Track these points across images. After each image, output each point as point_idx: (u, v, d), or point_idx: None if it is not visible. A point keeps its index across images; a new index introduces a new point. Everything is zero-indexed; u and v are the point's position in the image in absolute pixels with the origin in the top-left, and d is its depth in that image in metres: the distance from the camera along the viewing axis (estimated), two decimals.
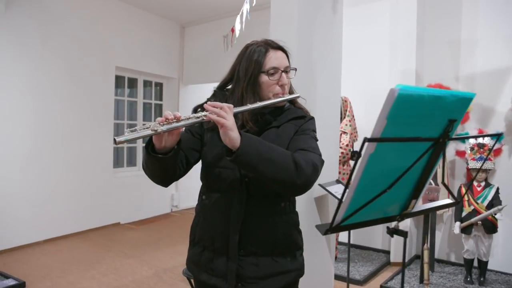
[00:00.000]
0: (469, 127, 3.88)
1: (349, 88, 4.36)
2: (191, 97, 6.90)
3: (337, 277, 3.59)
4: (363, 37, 4.53)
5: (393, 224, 1.25)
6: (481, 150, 3.59)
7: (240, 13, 4.24)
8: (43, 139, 4.76)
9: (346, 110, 4.13)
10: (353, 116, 4.23)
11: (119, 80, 5.96)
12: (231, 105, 1.24)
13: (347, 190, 0.94)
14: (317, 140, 1.44)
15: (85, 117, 5.23)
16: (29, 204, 4.61)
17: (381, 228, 4.55)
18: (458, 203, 1.27)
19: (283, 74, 1.43)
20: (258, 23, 5.48)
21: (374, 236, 4.63)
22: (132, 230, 5.50)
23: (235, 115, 1.26)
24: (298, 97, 1.50)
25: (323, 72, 2.62)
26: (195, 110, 1.49)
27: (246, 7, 4.12)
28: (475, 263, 3.70)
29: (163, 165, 1.31)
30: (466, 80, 4.08)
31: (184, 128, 1.38)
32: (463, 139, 3.31)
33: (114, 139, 1.12)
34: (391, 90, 0.83)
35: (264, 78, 1.41)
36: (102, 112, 5.47)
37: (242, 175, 1.37)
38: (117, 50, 5.62)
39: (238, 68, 1.45)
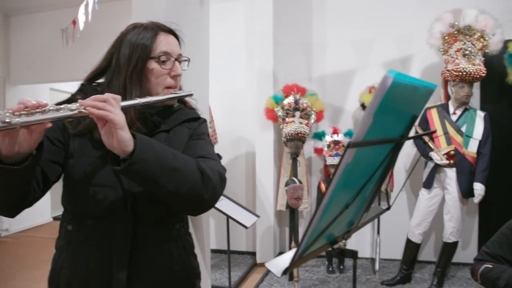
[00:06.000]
0: (324, 125, 4.09)
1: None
2: None
3: None
4: (218, 36, 4.39)
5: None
6: (337, 146, 3.80)
7: (85, 2, 3.69)
8: None
9: None
10: (211, 117, 4.06)
11: None
12: (119, 96, 0.92)
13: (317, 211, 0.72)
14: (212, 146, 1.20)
15: None
16: None
17: (243, 231, 4.49)
18: (389, 209, 1.19)
19: (176, 63, 1.16)
20: (110, 15, 4.92)
21: (237, 238, 4.55)
22: None
23: None
24: (192, 94, 1.24)
25: (192, 68, 2.38)
26: None
27: None
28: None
29: (12, 182, 0.87)
30: (318, 81, 4.30)
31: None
32: (419, 137, 3.42)
33: None
34: (384, 77, 0.62)
35: (153, 65, 1.11)
36: None
37: (127, 194, 1.04)
38: None
39: (118, 55, 1.11)
